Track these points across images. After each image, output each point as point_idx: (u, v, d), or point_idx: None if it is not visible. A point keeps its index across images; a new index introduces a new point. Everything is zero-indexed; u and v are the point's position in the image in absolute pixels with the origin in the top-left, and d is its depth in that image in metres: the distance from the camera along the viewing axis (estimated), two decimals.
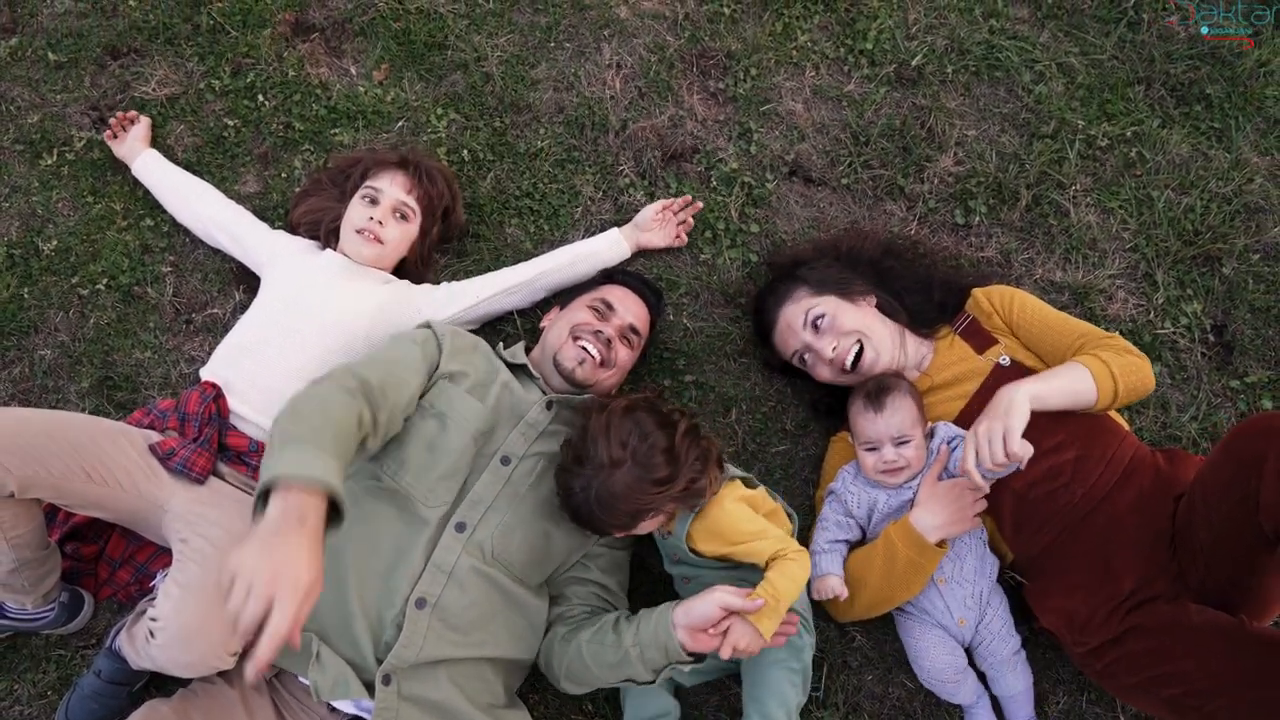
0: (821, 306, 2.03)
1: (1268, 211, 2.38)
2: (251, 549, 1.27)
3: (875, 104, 2.51)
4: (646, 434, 1.67)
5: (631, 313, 2.07)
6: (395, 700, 1.65)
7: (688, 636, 1.62)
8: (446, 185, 2.25)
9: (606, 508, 1.66)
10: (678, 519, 1.79)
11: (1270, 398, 2.23)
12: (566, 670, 1.80)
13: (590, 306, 2.05)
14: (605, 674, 1.73)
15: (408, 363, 1.84)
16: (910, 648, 1.96)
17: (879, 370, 2.00)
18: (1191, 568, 1.72)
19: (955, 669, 1.91)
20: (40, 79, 2.52)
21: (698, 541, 1.78)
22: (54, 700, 1.97)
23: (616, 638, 1.72)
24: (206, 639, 1.61)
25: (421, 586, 1.69)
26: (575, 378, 1.96)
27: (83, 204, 2.40)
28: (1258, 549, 1.59)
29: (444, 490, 1.77)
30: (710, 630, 1.61)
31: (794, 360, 2.10)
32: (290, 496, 1.33)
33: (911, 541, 1.82)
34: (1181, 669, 1.67)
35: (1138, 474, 1.87)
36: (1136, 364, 1.87)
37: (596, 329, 1.99)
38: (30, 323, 2.28)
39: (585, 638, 1.76)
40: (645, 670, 1.68)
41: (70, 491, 1.72)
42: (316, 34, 2.59)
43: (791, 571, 1.65)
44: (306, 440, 1.42)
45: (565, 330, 2.01)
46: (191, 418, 1.95)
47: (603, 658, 1.72)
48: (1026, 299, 2.07)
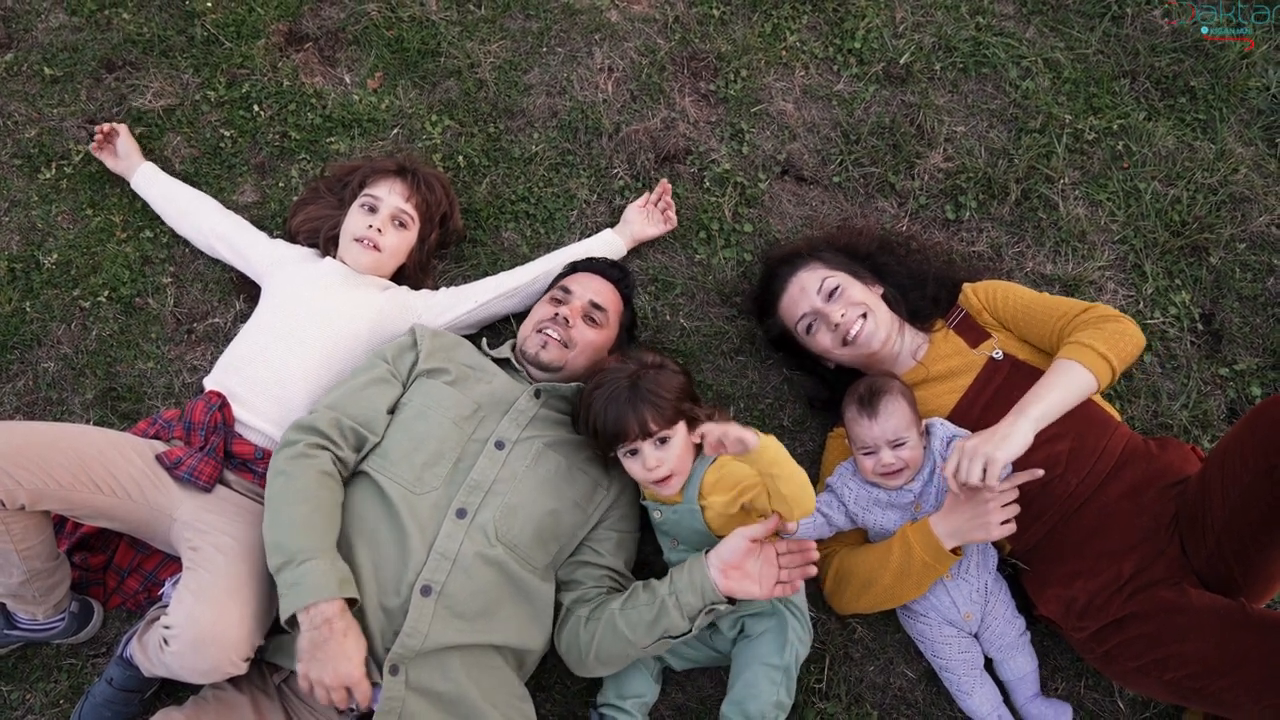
0: (836, 279, 2.08)
1: (1253, 201, 2.42)
2: (312, 667, 1.63)
3: (865, 102, 2.54)
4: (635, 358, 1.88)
5: (591, 290, 2.11)
6: (402, 690, 1.68)
7: (720, 575, 1.71)
8: (444, 192, 2.28)
9: (644, 381, 1.78)
10: (687, 484, 1.83)
11: (1259, 385, 2.27)
12: (597, 649, 1.82)
13: (550, 298, 2.11)
14: (641, 635, 1.76)
15: (375, 383, 1.96)
16: (925, 648, 2.02)
17: (876, 347, 2.02)
18: (1200, 546, 1.75)
19: (972, 664, 1.96)
20: (37, 93, 2.53)
21: (708, 493, 1.81)
22: (66, 709, 1.99)
23: (650, 595, 1.79)
24: (219, 645, 1.63)
25: (426, 574, 1.73)
26: (541, 360, 2.02)
27: (82, 217, 2.42)
28: (1272, 527, 1.63)
29: (432, 476, 1.82)
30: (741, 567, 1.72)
31: (797, 327, 2.10)
32: (315, 615, 1.63)
33: (929, 546, 1.85)
34: (1182, 652, 1.71)
35: (1131, 462, 1.90)
36: (1120, 329, 1.89)
37: (554, 313, 2.04)
38: (33, 336, 2.30)
39: (617, 606, 1.81)
40: (682, 618, 1.72)
41: (79, 502, 1.74)
42: (310, 43, 2.61)
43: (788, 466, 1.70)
44: (308, 554, 1.67)
45: (530, 326, 2.08)
46: (197, 426, 1.97)
47: (638, 617, 1.77)
48: (1009, 290, 2.10)
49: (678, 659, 1.99)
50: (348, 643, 1.64)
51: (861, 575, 1.95)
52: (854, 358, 2.07)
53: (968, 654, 1.97)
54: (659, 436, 1.78)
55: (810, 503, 1.69)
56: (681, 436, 1.81)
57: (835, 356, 2.09)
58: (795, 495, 1.64)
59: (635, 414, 1.75)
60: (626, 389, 1.77)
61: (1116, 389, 2.27)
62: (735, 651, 1.91)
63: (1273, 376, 2.27)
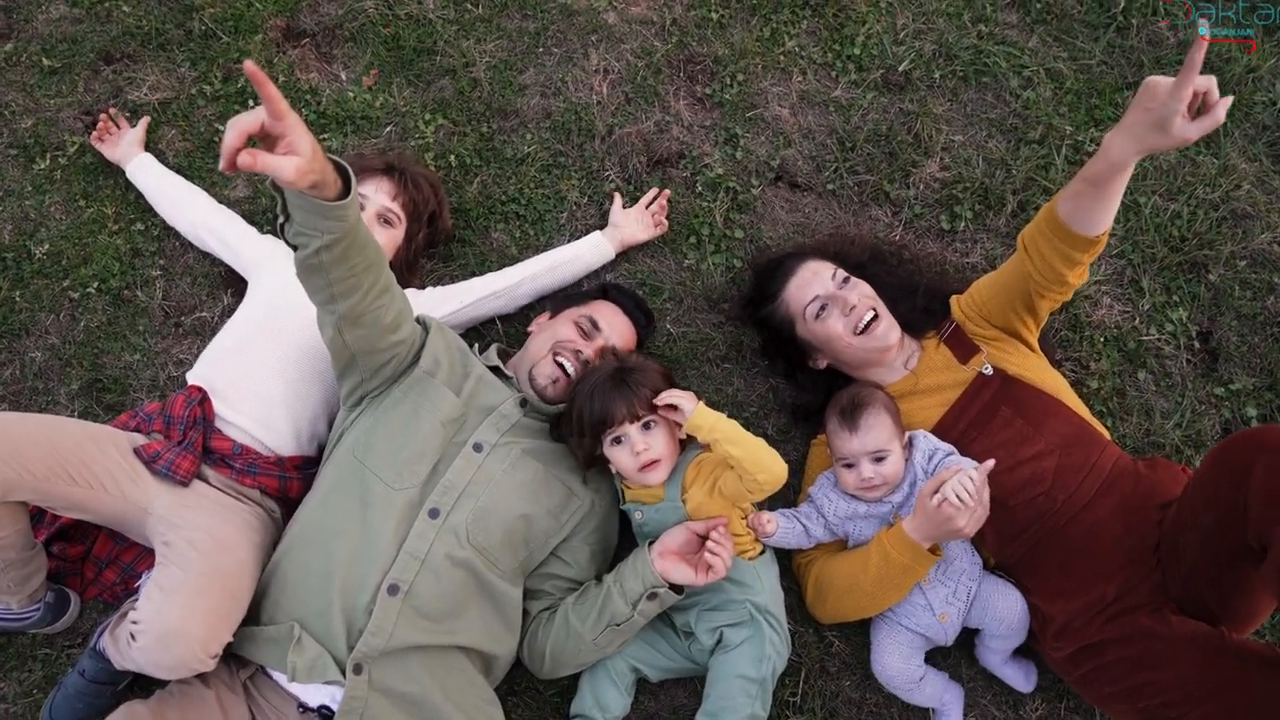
0: (845, 273, 2.07)
1: (1255, 218, 2.37)
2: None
3: (862, 109, 2.51)
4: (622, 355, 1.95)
5: (617, 332, 2.08)
6: (365, 690, 1.68)
7: (660, 560, 1.79)
8: (432, 191, 2.27)
9: (629, 373, 1.82)
10: (669, 481, 1.86)
11: (1254, 405, 2.22)
12: (553, 646, 1.87)
13: (576, 323, 2.07)
14: (589, 627, 1.82)
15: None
16: (872, 647, 1.98)
17: (893, 341, 2.01)
18: (1174, 578, 1.72)
19: (908, 677, 1.92)
20: (35, 84, 2.55)
21: (689, 488, 1.85)
22: (39, 699, 1.99)
23: (598, 586, 1.87)
24: (186, 641, 1.63)
25: (394, 573, 1.72)
26: (546, 395, 2.00)
27: (75, 208, 2.43)
28: (1243, 561, 1.59)
29: (410, 474, 1.82)
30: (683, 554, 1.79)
31: (806, 310, 2.04)
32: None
33: (906, 547, 1.82)
34: (1158, 679, 1.68)
35: (1119, 482, 1.87)
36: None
37: (577, 349, 2.01)
38: (21, 325, 2.31)
39: (570, 601, 1.89)
40: (626, 604, 1.80)
41: (54, 494, 1.74)
42: (307, 40, 2.61)
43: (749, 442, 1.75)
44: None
45: (547, 344, 2.04)
46: (177, 421, 1.97)
47: (586, 609, 1.84)
48: (979, 283, 2.07)
49: (654, 669, 1.97)
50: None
51: (842, 583, 1.92)
52: (861, 351, 2.02)
53: (906, 663, 1.92)
54: (645, 421, 1.81)
55: (774, 467, 1.73)
56: (666, 425, 1.84)
57: (842, 346, 2.02)
58: (746, 458, 1.71)
59: (622, 397, 1.79)
60: (611, 378, 1.82)
61: (1109, 406, 2.23)
62: (711, 662, 1.89)
63: (1269, 397, 2.23)
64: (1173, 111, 1.51)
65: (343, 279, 1.66)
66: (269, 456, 2.00)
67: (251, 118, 1.29)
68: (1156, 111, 1.53)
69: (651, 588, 1.78)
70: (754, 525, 1.90)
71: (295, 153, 1.34)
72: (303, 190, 1.41)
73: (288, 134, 1.33)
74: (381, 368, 1.89)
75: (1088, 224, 1.76)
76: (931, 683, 1.95)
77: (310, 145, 1.36)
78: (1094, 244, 1.78)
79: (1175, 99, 1.49)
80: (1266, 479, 1.48)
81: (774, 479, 1.73)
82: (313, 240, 1.55)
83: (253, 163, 1.26)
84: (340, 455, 1.91)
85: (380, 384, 1.93)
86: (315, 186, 1.42)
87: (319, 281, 1.67)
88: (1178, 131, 1.52)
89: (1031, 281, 1.89)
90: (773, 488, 1.75)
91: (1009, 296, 1.97)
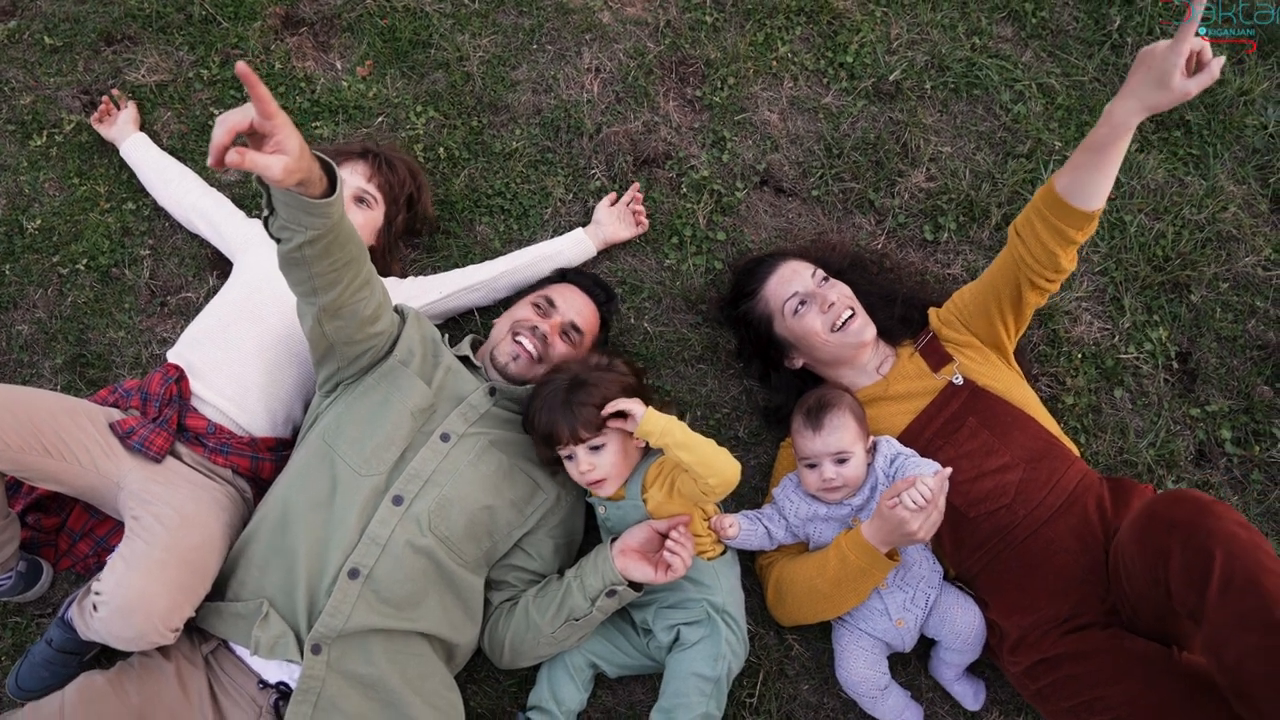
0: (824, 273, 2.10)
1: (1240, 240, 2.36)
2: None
3: (851, 117, 2.52)
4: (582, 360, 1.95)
5: (574, 309, 2.11)
6: (323, 670, 1.70)
7: (620, 557, 1.81)
8: (410, 174, 2.29)
9: (579, 390, 1.80)
10: (630, 480, 1.87)
11: (1229, 428, 2.21)
12: (512, 637, 1.89)
13: (533, 303, 2.10)
14: (548, 620, 1.85)
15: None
16: (835, 654, 1.97)
17: (868, 339, 2.03)
18: (1124, 604, 1.75)
19: (873, 684, 1.92)
20: (36, 62, 2.59)
21: (649, 487, 1.87)
22: (7, 666, 2.03)
23: (559, 581, 1.89)
24: (146, 614, 1.65)
25: (355, 557, 1.75)
26: (509, 372, 2.02)
27: (69, 185, 2.47)
28: (1171, 617, 1.63)
29: (378, 461, 1.84)
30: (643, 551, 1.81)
31: (785, 306, 2.06)
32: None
33: (863, 551, 1.82)
34: (1108, 695, 1.68)
35: (1081, 500, 1.87)
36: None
37: (534, 325, 2.04)
38: (9, 299, 2.35)
39: (531, 593, 1.91)
40: (584, 600, 1.82)
41: (27, 465, 1.76)
42: (305, 28, 2.64)
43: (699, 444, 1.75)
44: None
45: (506, 326, 2.07)
46: (153, 398, 2.00)
47: (546, 603, 1.87)
48: (962, 289, 2.08)
49: (612, 665, 1.98)
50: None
51: (801, 585, 1.93)
52: (836, 348, 2.03)
53: (872, 670, 1.93)
54: (590, 444, 1.81)
55: (725, 471, 1.74)
56: (617, 441, 1.82)
57: (819, 343, 2.03)
58: (697, 462, 1.72)
59: (566, 422, 1.79)
60: (562, 395, 1.81)
61: (1083, 423, 2.23)
62: (668, 659, 1.90)
63: (1244, 420, 2.22)
64: (1172, 66, 1.54)
65: (324, 273, 1.68)
66: (242, 437, 2.03)
67: (240, 115, 1.31)
68: (1157, 68, 1.57)
69: (611, 585, 1.80)
70: (716, 527, 1.92)
71: (283, 151, 1.35)
72: (289, 188, 1.43)
73: (276, 133, 1.34)
74: (359, 357, 1.92)
75: (1085, 197, 1.77)
76: (895, 696, 1.95)
77: (298, 144, 1.37)
78: (1089, 219, 1.80)
79: (1174, 53, 1.54)
80: (1184, 558, 1.51)
81: (725, 482, 1.74)
82: (296, 235, 1.57)
83: (241, 160, 1.27)
84: (312, 439, 1.94)
85: (356, 372, 1.95)
86: (301, 184, 1.44)
87: (301, 275, 1.69)
88: (1178, 86, 1.56)
89: (1023, 267, 1.90)
90: (724, 490, 1.75)
91: (995, 291, 1.98)
